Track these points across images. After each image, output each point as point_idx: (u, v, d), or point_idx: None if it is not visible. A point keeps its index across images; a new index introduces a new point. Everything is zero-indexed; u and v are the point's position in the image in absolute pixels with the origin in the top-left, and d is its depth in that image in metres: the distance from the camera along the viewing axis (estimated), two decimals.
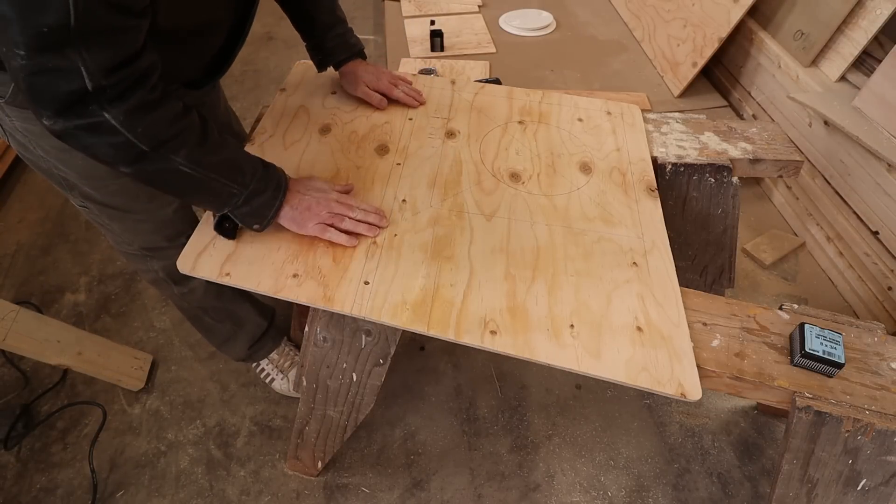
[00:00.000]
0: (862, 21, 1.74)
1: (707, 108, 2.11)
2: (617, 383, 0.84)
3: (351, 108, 1.27)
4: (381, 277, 0.93)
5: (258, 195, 0.92)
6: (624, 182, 1.14)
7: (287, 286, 0.92)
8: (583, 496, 1.38)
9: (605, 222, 1.05)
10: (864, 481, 0.88)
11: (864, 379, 0.89)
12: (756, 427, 1.50)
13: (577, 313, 0.90)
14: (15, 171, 2.25)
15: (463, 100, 1.31)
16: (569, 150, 1.20)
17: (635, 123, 1.29)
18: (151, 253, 1.22)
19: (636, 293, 0.94)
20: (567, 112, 1.30)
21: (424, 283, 0.92)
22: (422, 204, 1.05)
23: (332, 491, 1.38)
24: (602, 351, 0.86)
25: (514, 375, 1.61)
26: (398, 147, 1.17)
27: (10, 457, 1.45)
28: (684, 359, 0.87)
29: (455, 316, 0.88)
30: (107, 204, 1.08)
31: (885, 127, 1.62)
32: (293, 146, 1.16)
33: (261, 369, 1.56)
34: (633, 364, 0.85)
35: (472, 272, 0.94)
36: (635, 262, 0.99)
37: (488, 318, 0.88)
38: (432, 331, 0.87)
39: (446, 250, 0.97)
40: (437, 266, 0.95)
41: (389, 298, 0.90)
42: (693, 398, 0.83)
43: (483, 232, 1.01)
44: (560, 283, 0.94)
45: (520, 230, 1.02)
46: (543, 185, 1.12)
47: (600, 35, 2.55)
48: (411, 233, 1.00)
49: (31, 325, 1.40)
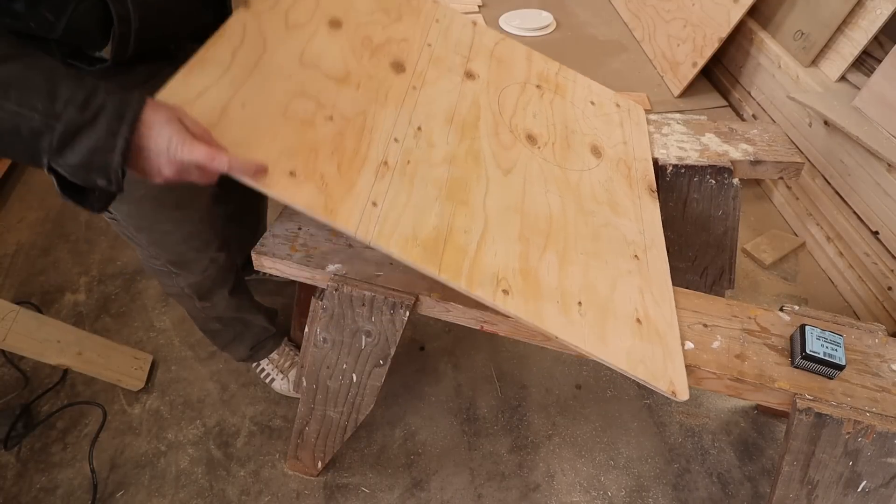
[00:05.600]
0: (862, 21, 1.74)
1: (707, 108, 2.11)
2: (616, 370, 0.84)
3: (368, 10, 1.09)
4: (392, 203, 0.84)
5: (84, 131, 0.64)
6: (629, 176, 1.14)
7: (281, 184, 0.77)
8: (583, 496, 1.38)
9: (612, 209, 1.04)
10: (864, 483, 0.88)
11: (864, 381, 0.89)
12: (756, 427, 1.50)
13: (585, 292, 0.89)
14: (15, 170, 2.25)
15: (483, 45, 1.22)
16: (581, 128, 1.18)
17: (640, 123, 1.29)
18: (178, 269, 1.21)
19: (637, 286, 0.94)
20: (581, 91, 1.28)
21: (438, 222, 0.85)
22: (437, 138, 0.97)
23: (332, 491, 1.38)
24: (607, 335, 0.86)
25: (514, 375, 1.61)
26: (415, 70, 1.06)
27: (10, 457, 1.45)
28: (676, 359, 0.88)
29: (468, 265, 0.83)
30: (135, 213, 1.06)
31: (885, 127, 1.62)
32: (297, 30, 0.96)
33: (261, 369, 1.56)
34: (633, 354, 0.85)
35: (486, 224, 0.89)
36: (637, 256, 0.99)
37: (501, 276, 0.84)
38: (444, 275, 0.80)
39: (461, 194, 0.91)
40: (452, 208, 0.88)
41: (399, 229, 0.82)
42: (682, 398, 0.84)
43: (499, 186, 0.96)
44: (571, 259, 0.92)
45: (534, 194, 0.98)
46: (558, 156, 1.08)
47: (600, 35, 2.54)
48: (425, 164, 0.92)
49: (31, 325, 1.39)
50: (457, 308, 0.98)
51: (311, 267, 1.03)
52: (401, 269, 1.03)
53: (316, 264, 1.03)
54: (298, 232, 1.09)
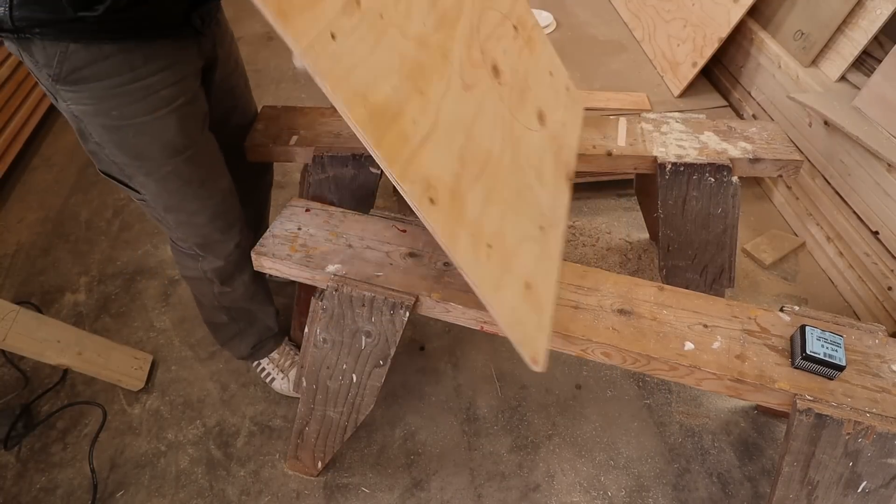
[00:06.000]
0: (862, 21, 1.74)
1: (707, 108, 2.10)
2: (496, 321, 0.84)
3: None
4: (352, 48, 0.74)
5: None
6: (558, 156, 1.15)
7: None
8: (583, 496, 1.38)
9: (538, 177, 1.05)
10: (864, 483, 0.88)
11: (865, 381, 0.89)
12: (756, 427, 1.50)
13: (496, 238, 0.88)
14: (15, 170, 2.25)
15: None
16: (536, 90, 1.16)
17: (578, 115, 1.31)
18: (204, 252, 1.24)
19: (535, 254, 0.95)
20: (546, 58, 1.26)
21: (391, 96, 0.78)
22: (416, 13, 0.88)
23: (332, 491, 1.38)
24: (501, 286, 0.86)
25: (514, 375, 1.61)
26: None
27: (10, 457, 1.45)
28: (545, 333, 0.91)
29: (406, 156, 0.77)
30: (163, 192, 1.10)
31: (885, 127, 1.62)
32: None
33: (261, 368, 1.56)
34: (515, 313, 0.86)
35: (435, 126, 0.83)
36: (542, 228, 1.00)
37: (432, 184, 0.79)
38: (380, 151, 0.73)
39: (421, 82, 0.83)
40: (408, 92, 0.81)
41: (352, 79, 0.74)
42: (539, 369, 0.87)
43: (456, 97, 0.90)
44: (493, 200, 0.91)
45: (484, 123, 0.95)
46: (512, 103, 1.06)
47: (600, 35, 2.54)
48: (397, 31, 0.83)
49: (31, 325, 1.39)
50: (457, 308, 0.99)
51: (311, 267, 1.03)
52: (401, 270, 1.03)
53: (316, 265, 1.03)
54: (298, 232, 1.10)
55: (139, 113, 0.98)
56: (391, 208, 2.05)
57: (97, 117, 0.97)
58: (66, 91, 0.94)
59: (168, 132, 1.03)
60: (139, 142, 1.01)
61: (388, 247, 1.07)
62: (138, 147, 1.02)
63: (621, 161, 1.30)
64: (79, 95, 0.94)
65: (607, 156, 1.29)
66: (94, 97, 0.95)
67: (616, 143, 1.32)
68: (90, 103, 0.95)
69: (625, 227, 2.04)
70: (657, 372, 0.94)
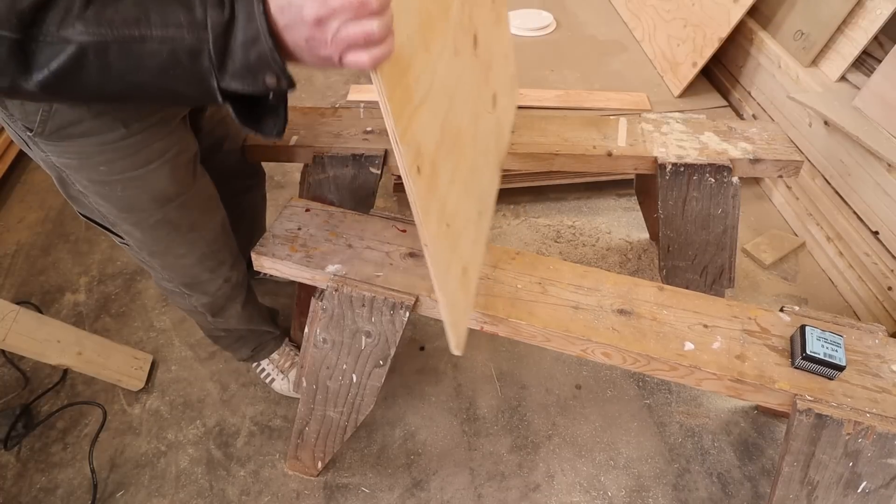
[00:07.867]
0: (862, 21, 1.73)
1: (707, 109, 2.10)
2: (439, 299, 0.82)
3: None
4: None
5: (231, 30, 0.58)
6: (499, 140, 1.16)
7: None
8: (583, 496, 1.38)
9: (485, 160, 1.05)
10: (864, 484, 0.88)
11: (865, 381, 0.89)
12: (756, 427, 1.50)
13: (453, 217, 0.85)
14: (15, 171, 2.25)
15: None
16: (496, 70, 1.10)
17: (514, 105, 1.31)
18: (191, 290, 1.21)
19: (472, 238, 0.95)
20: (506, 39, 1.22)
21: (405, 45, 0.71)
22: None
23: (332, 491, 1.38)
24: (450, 266, 0.84)
25: (514, 375, 1.61)
26: None
27: (10, 457, 1.45)
28: (466, 317, 0.94)
29: (408, 114, 0.72)
30: (149, 240, 1.05)
31: (885, 127, 1.62)
32: None
33: (261, 369, 1.56)
34: (454, 296, 0.86)
35: (431, 87, 0.77)
36: (480, 212, 1.01)
37: (421, 150, 0.74)
38: (391, 104, 0.67)
39: (429, 36, 0.77)
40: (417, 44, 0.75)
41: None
42: (459, 352, 0.88)
43: (449, 61, 0.84)
44: (457, 178, 0.87)
45: (463, 93, 0.90)
46: (480, 79, 1.00)
47: (600, 35, 2.54)
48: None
49: (31, 325, 1.39)
50: None
51: (311, 267, 1.03)
52: (401, 270, 1.03)
53: (316, 265, 1.03)
54: (298, 232, 1.10)
55: (129, 168, 0.91)
56: (391, 208, 2.05)
57: (81, 171, 0.89)
58: (46, 144, 0.84)
59: (160, 183, 0.96)
60: (127, 195, 0.94)
61: (388, 247, 1.07)
62: (126, 200, 0.95)
63: (621, 161, 1.30)
64: (61, 150, 0.85)
65: (607, 156, 1.29)
66: (81, 153, 0.86)
67: (616, 143, 1.32)
68: (75, 158, 0.86)
69: (625, 227, 2.04)
70: (657, 372, 0.94)
